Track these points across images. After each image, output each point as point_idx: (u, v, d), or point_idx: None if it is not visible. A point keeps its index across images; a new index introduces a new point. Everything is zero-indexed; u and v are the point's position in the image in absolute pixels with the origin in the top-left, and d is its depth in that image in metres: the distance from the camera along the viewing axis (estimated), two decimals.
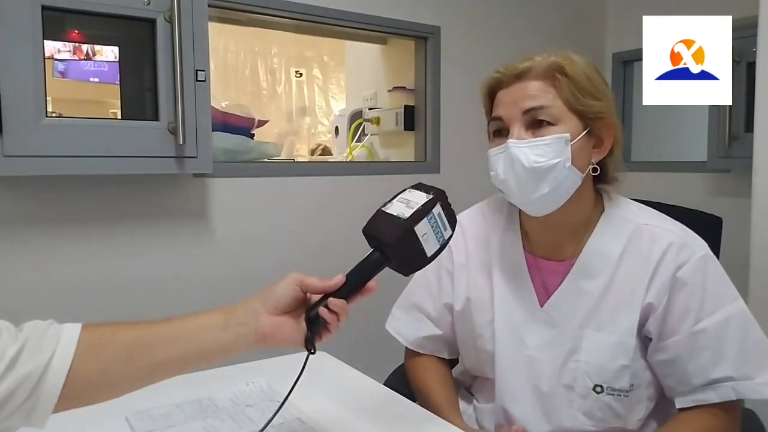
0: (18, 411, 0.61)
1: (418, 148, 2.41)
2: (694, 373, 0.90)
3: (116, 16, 1.53)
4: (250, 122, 2.12)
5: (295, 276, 0.75)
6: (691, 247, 0.93)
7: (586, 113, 0.92)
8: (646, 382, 0.95)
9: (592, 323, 0.95)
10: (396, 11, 2.20)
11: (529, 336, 0.99)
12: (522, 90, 0.93)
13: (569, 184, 0.93)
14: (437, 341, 1.14)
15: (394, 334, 1.16)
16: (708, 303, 0.90)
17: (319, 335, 0.75)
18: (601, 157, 0.96)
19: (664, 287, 0.92)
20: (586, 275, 0.96)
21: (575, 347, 0.95)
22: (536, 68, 0.93)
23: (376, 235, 0.76)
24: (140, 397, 0.98)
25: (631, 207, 1.01)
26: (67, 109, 1.66)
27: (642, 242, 0.95)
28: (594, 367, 0.93)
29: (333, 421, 0.93)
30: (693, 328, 0.90)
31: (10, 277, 1.57)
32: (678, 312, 0.91)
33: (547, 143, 0.90)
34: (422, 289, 1.14)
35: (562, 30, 2.68)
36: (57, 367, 0.62)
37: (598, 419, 0.94)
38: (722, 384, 0.89)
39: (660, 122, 2.73)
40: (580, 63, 0.94)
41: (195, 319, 0.72)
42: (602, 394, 0.93)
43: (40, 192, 1.61)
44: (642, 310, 0.93)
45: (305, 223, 2.05)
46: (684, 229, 0.96)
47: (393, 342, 1.21)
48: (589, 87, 0.92)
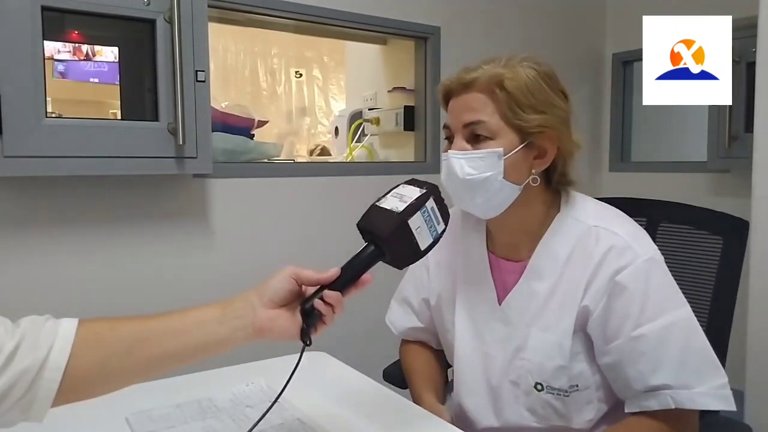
0: (16, 406, 0.61)
1: (418, 149, 2.41)
2: (634, 379, 0.90)
3: (116, 16, 1.53)
4: (250, 123, 2.12)
5: (290, 269, 0.75)
6: (634, 251, 0.91)
7: (524, 128, 0.92)
8: (596, 384, 0.95)
9: (539, 323, 0.96)
10: (396, 12, 2.20)
11: (487, 332, 1.02)
12: (465, 102, 0.95)
13: (504, 195, 0.94)
14: (421, 332, 1.19)
15: (389, 324, 1.22)
16: (649, 308, 0.89)
17: (314, 327, 0.75)
18: (543, 167, 0.96)
19: (601, 290, 0.91)
20: (536, 276, 0.98)
21: (522, 345, 0.97)
22: (480, 80, 0.94)
23: (370, 229, 0.77)
24: (140, 398, 0.98)
25: (586, 207, 1.00)
26: (67, 110, 1.66)
27: (588, 244, 0.95)
28: (535, 365, 0.95)
29: (333, 421, 0.93)
30: (632, 333, 0.89)
31: (10, 277, 1.58)
32: (617, 316, 0.90)
33: (481, 157, 0.92)
34: (409, 284, 1.19)
35: (561, 30, 2.68)
36: (55, 362, 0.62)
37: (541, 416, 0.97)
38: (661, 391, 0.88)
39: (660, 122, 2.73)
40: (524, 73, 0.93)
41: (192, 313, 0.73)
42: (543, 392, 0.95)
43: (40, 192, 1.61)
44: (578, 312, 0.93)
45: (305, 224, 2.05)
46: (632, 232, 0.95)
47: (392, 343, 1.23)
48: (530, 100, 0.92)
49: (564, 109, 0.95)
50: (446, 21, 2.32)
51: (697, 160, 2.45)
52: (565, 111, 0.96)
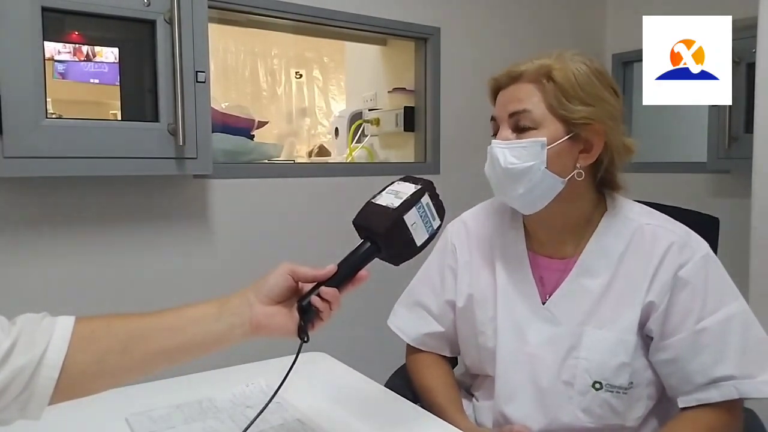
0: (13, 404, 0.61)
1: (418, 149, 2.41)
2: (697, 372, 0.91)
3: (116, 17, 1.53)
4: (250, 123, 2.12)
5: (287, 266, 0.75)
6: (692, 247, 0.94)
7: (570, 118, 0.93)
8: (647, 380, 0.95)
9: (593, 321, 0.96)
10: (396, 12, 2.20)
11: (531, 333, 1.00)
12: (512, 93, 0.97)
13: (546, 186, 0.94)
14: (439, 338, 1.15)
15: (396, 331, 1.17)
16: (710, 302, 0.91)
17: (311, 324, 0.76)
18: (590, 161, 0.96)
19: (665, 286, 0.92)
20: (587, 273, 0.97)
21: (575, 344, 0.96)
22: (528, 71, 0.95)
23: (366, 226, 0.77)
24: (140, 398, 0.99)
25: (634, 208, 1.02)
26: (67, 110, 1.65)
27: (644, 241, 0.96)
28: (594, 363, 0.94)
29: (333, 422, 0.93)
30: (695, 327, 0.90)
31: (10, 277, 1.58)
32: (680, 311, 0.92)
33: (524, 146, 0.93)
34: (425, 287, 1.15)
35: (562, 30, 2.68)
36: (51, 360, 0.62)
37: (597, 416, 0.95)
38: (724, 383, 0.89)
39: (660, 123, 2.73)
40: (574, 66, 0.94)
41: (189, 310, 0.73)
42: (601, 390, 0.94)
43: (40, 193, 1.61)
44: (643, 308, 0.93)
45: (305, 224, 2.05)
46: (686, 230, 0.97)
47: (393, 343, 1.21)
48: (577, 93, 0.92)
49: (613, 105, 0.96)
50: (446, 21, 2.32)
51: (696, 161, 2.45)
52: (614, 107, 0.96)
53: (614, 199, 1.02)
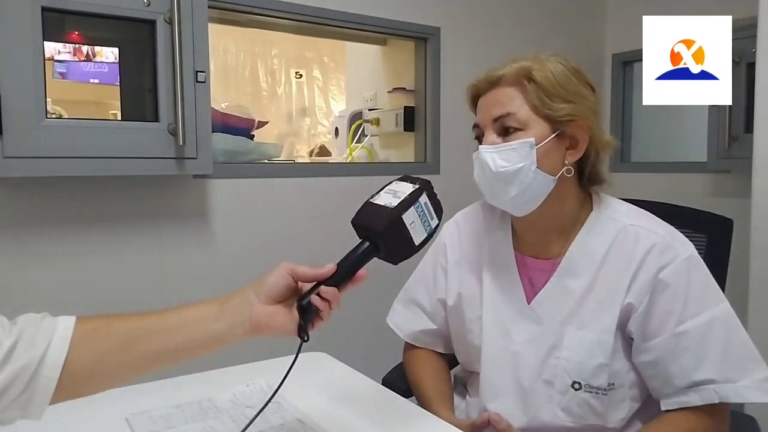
0: (15, 403, 0.61)
1: (418, 149, 2.41)
2: (677, 375, 0.90)
3: (116, 17, 1.53)
4: (250, 123, 2.12)
5: (286, 265, 0.75)
6: (675, 249, 0.93)
7: (554, 117, 0.93)
8: (630, 382, 0.95)
9: (574, 321, 0.96)
10: (396, 12, 2.21)
11: (516, 332, 1.01)
12: (494, 97, 0.97)
13: (538, 186, 0.94)
14: (433, 335, 1.17)
15: (393, 327, 1.19)
16: (691, 305, 0.90)
17: (311, 323, 0.76)
18: (577, 157, 0.97)
19: (645, 288, 0.92)
20: (570, 274, 0.98)
21: (557, 344, 0.96)
22: (508, 75, 0.96)
23: (365, 225, 0.78)
24: (140, 398, 0.99)
25: (620, 208, 1.02)
26: (67, 110, 1.66)
27: (626, 242, 0.96)
28: (573, 364, 0.95)
29: (333, 421, 0.93)
30: (675, 330, 0.90)
31: (10, 277, 1.58)
32: (660, 313, 0.91)
33: (513, 148, 0.93)
34: (419, 285, 1.17)
35: (562, 30, 2.68)
36: (52, 359, 0.62)
37: (577, 415, 0.95)
38: (705, 386, 0.89)
39: (660, 123, 2.73)
40: (552, 66, 0.95)
41: (189, 309, 0.73)
42: (580, 390, 0.94)
43: (40, 193, 1.61)
44: (622, 309, 0.93)
45: (305, 225, 2.05)
46: (670, 231, 0.97)
47: (392, 343, 1.22)
48: (558, 91, 0.93)
49: (592, 100, 0.97)
50: (446, 21, 2.32)
51: (697, 161, 2.45)
52: (593, 102, 0.97)
53: (600, 199, 1.03)
